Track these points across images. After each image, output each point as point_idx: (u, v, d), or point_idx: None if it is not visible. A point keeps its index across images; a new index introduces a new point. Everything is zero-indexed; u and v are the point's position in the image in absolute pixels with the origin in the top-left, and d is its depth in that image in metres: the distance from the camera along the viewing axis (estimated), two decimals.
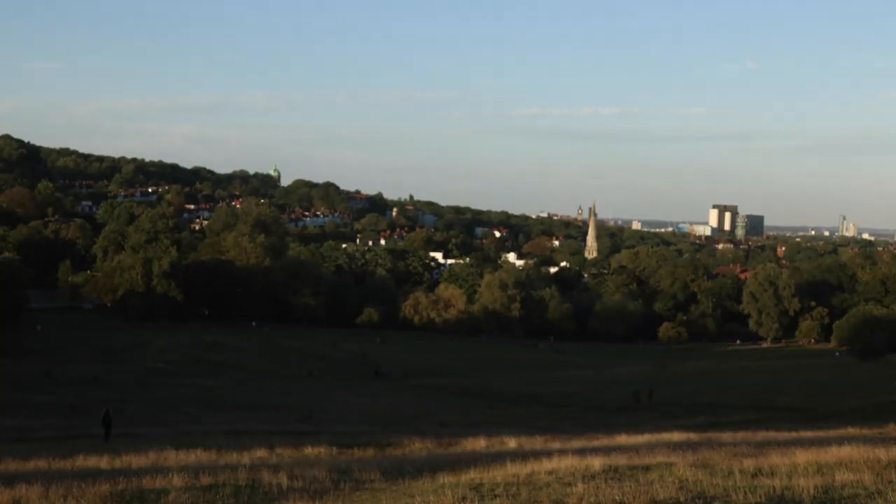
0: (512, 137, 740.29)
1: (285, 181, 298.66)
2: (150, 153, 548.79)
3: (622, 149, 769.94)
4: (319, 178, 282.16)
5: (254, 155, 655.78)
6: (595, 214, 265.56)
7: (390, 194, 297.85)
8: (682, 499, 9.42)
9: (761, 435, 24.56)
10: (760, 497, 9.39)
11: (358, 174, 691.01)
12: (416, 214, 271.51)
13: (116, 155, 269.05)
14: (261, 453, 20.73)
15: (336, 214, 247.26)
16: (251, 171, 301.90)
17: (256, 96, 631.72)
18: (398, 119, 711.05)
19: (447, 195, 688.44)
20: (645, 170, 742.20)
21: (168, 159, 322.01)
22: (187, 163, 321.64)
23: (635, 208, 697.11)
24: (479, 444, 22.72)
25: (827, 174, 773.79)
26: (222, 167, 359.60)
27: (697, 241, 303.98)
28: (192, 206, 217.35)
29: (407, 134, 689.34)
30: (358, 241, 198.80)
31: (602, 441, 22.67)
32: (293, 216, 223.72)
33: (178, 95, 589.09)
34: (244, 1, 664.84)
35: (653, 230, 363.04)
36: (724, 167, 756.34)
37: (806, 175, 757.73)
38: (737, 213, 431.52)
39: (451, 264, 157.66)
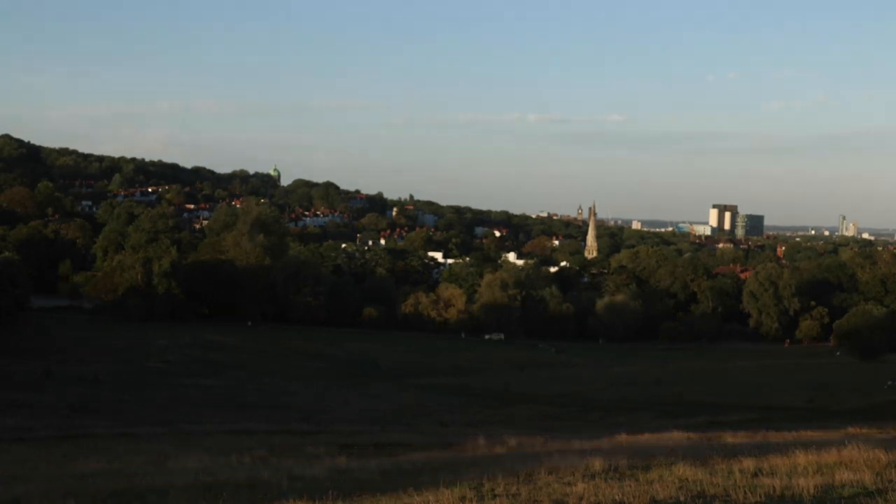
0: (512, 138, 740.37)
1: (285, 181, 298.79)
2: (150, 153, 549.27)
3: (622, 149, 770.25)
4: (319, 178, 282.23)
5: (254, 155, 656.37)
6: (595, 214, 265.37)
7: (390, 194, 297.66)
8: (682, 498, 9.42)
9: (761, 435, 24.58)
10: (760, 497, 9.39)
11: (358, 174, 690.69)
12: (416, 214, 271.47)
13: (116, 155, 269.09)
14: (261, 453, 20.73)
15: (336, 214, 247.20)
16: (251, 171, 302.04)
17: (256, 98, 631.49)
18: (399, 119, 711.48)
19: (447, 195, 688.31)
20: (645, 170, 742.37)
21: (168, 159, 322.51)
22: (187, 163, 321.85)
23: (635, 208, 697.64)
24: (479, 443, 22.71)
25: (827, 174, 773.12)
26: (222, 167, 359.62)
27: (697, 241, 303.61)
28: (192, 206, 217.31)
29: (407, 134, 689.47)
30: (358, 240, 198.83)
31: (602, 441, 22.67)
32: (293, 216, 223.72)
33: (180, 98, 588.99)
34: (245, 3, 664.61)
35: (653, 230, 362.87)
36: (724, 167, 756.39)
37: (806, 175, 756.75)
38: (737, 212, 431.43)
39: (451, 264, 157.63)
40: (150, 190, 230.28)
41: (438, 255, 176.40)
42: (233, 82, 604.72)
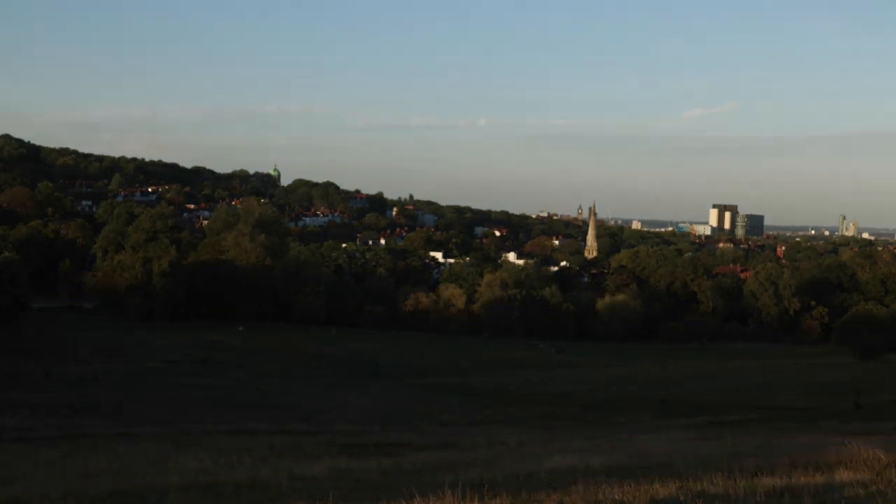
0: (512, 138, 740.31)
1: (285, 181, 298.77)
2: (150, 153, 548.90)
3: (622, 149, 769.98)
4: (319, 178, 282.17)
5: (254, 155, 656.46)
6: (595, 214, 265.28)
7: (390, 194, 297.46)
8: (682, 498, 9.41)
9: (761, 435, 24.57)
10: (760, 496, 9.38)
11: (358, 174, 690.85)
12: (416, 214, 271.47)
13: (116, 155, 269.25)
14: (261, 453, 20.70)
15: (336, 214, 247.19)
16: (251, 171, 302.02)
17: (257, 98, 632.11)
18: (398, 119, 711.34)
19: (447, 195, 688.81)
20: (645, 169, 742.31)
21: (168, 159, 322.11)
22: (187, 163, 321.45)
23: (635, 208, 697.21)
24: (479, 443, 22.69)
25: (827, 174, 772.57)
26: (222, 167, 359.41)
27: (697, 241, 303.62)
28: (192, 206, 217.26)
29: (407, 134, 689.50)
30: (358, 240, 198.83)
31: (602, 441, 22.65)
32: (293, 216, 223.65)
33: (180, 98, 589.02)
34: (246, 3, 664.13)
35: (653, 230, 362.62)
36: (724, 167, 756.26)
37: (806, 175, 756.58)
38: (737, 212, 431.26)
39: (451, 264, 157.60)
40: (150, 190, 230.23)
41: (438, 255, 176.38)
42: (233, 83, 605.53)
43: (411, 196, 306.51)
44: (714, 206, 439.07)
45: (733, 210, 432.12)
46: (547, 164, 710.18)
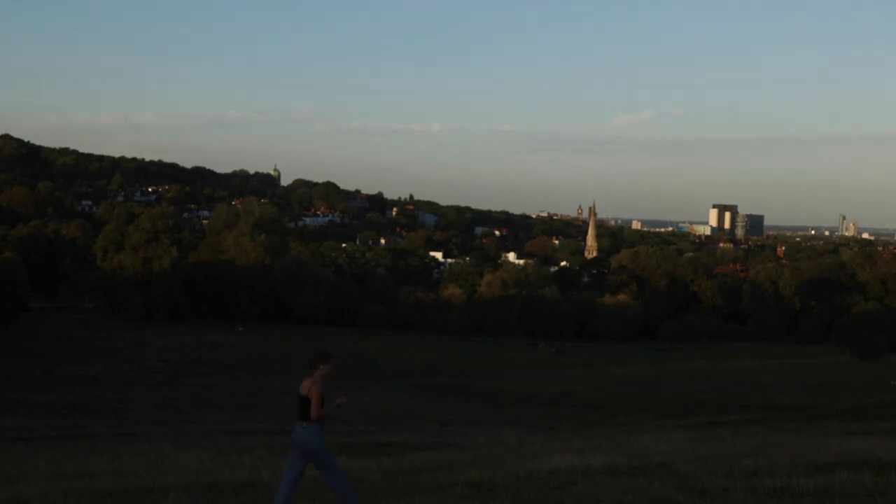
0: (513, 139, 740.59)
1: (285, 181, 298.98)
2: (150, 153, 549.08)
3: (622, 149, 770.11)
4: (319, 178, 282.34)
5: (254, 155, 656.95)
6: (595, 214, 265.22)
7: (390, 194, 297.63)
8: (682, 498, 9.41)
9: (761, 435, 24.55)
10: (760, 496, 9.38)
11: (358, 174, 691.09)
12: (416, 214, 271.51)
13: (116, 155, 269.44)
14: (261, 453, 20.68)
15: (336, 214, 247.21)
16: (251, 171, 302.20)
17: (256, 98, 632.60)
18: (398, 120, 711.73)
19: (447, 195, 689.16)
20: (645, 170, 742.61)
21: (168, 159, 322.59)
22: (187, 163, 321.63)
23: (635, 208, 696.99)
24: (479, 443, 22.67)
25: (827, 174, 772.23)
26: (222, 167, 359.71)
27: (698, 241, 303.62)
28: (192, 206, 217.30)
29: (407, 134, 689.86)
30: (358, 240, 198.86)
31: (602, 441, 22.64)
32: (293, 216, 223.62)
33: (180, 98, 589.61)
34: (245, 5, 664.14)
35: (653, 230, 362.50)
36: (724, 167, 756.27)
37: (806, 175, 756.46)
38: (737, 212, 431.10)
39: (451, 264, 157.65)
40: (150, 190, 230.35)
41: (439, 255, 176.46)
42: (233, 83, 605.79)
43: (411, 196, 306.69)
44: (714, 206, 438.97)
45: (733, 210, 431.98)
46: (547, 165, 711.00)
